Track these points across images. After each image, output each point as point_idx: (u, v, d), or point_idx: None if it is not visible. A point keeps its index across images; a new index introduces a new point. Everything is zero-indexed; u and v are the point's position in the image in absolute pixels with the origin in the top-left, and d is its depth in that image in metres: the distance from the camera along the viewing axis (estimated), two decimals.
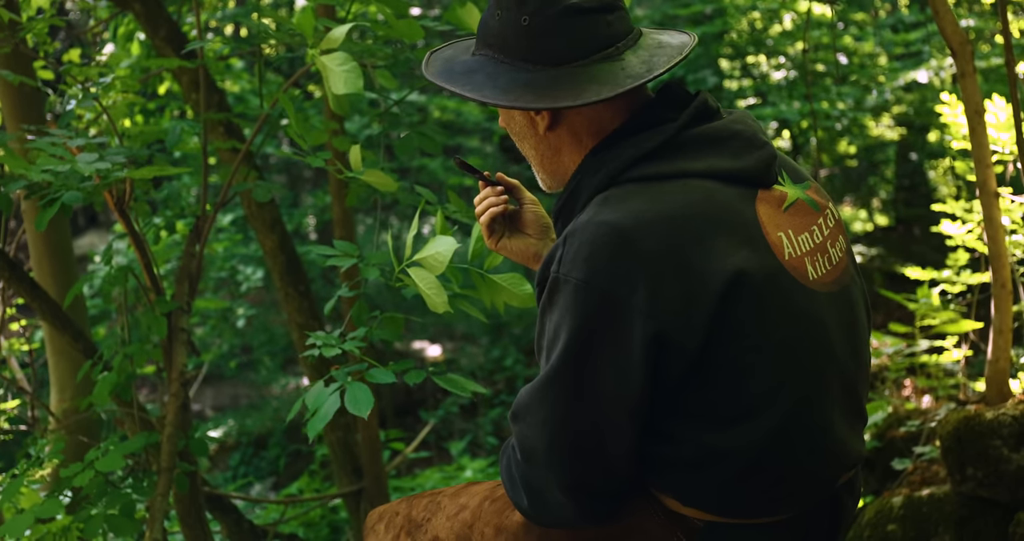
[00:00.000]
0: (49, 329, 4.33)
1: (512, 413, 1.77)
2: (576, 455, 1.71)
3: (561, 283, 1.66)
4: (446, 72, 1.86)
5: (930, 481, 3.52)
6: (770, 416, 1.71)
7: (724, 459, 1.72)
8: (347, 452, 4.66)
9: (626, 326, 1.63)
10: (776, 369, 1.71)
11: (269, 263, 4.59)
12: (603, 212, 1.67)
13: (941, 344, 4.60)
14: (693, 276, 1.63)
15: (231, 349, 10.37)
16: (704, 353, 1.66)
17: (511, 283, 2.40)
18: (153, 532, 2.92)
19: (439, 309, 2.28)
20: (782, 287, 1.72)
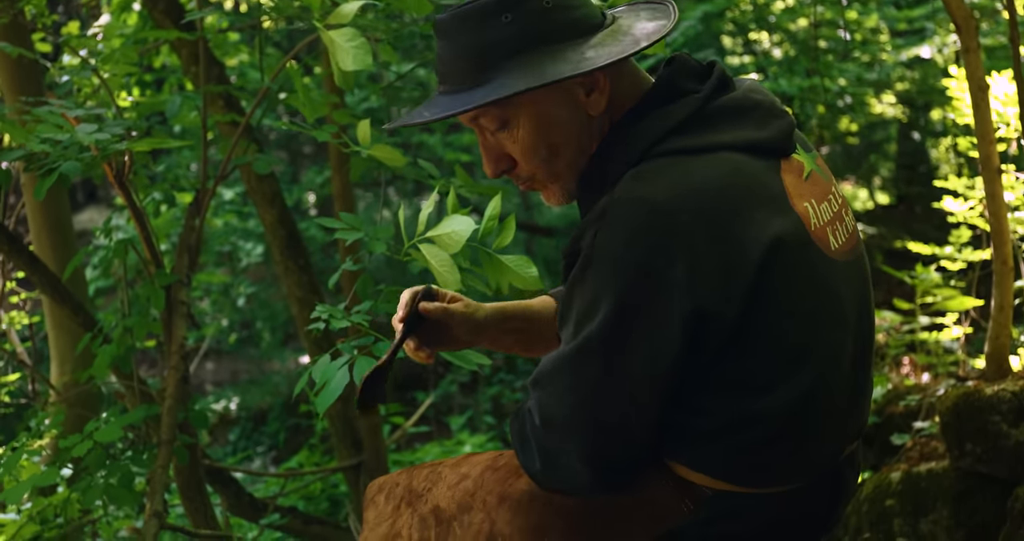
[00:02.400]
0: (49, 302, 4.33)
1: (533, 379, 1.77)
2: (599, 427, 1.71)
3: (596, 258, 1.65)
4: (454, 100, 1.75)
5: (929, 456, 3.53)
6: (794, 385, 1.72)
7: (746, 428, 1.72)
8: (347, 426, 4.67)
9: (664, 302, 1.62)
10: (802, 339, 1.72)
11: (269, 237, 4.59)
12: (638, 187, 1.65)
13: (941, 321, 4.61)
14: (732, 247, 1.63)
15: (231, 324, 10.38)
16: (739, 324, 1.66)
17: (518, 265, 2.39)
18: (153, 504, 2.92)
19: (451, 287, 2.27)
20: (810, 257, 1.72)
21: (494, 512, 1.93)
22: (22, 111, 3.12)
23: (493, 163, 1.84)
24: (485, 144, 1.84)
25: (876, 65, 8.76)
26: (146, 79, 5.56)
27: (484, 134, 1.83)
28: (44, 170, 2.66)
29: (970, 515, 3.14)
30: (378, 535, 2.12)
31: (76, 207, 12.20)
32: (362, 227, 2.54)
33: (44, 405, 4.06)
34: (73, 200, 10.27)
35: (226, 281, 8.86)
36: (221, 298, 9.30)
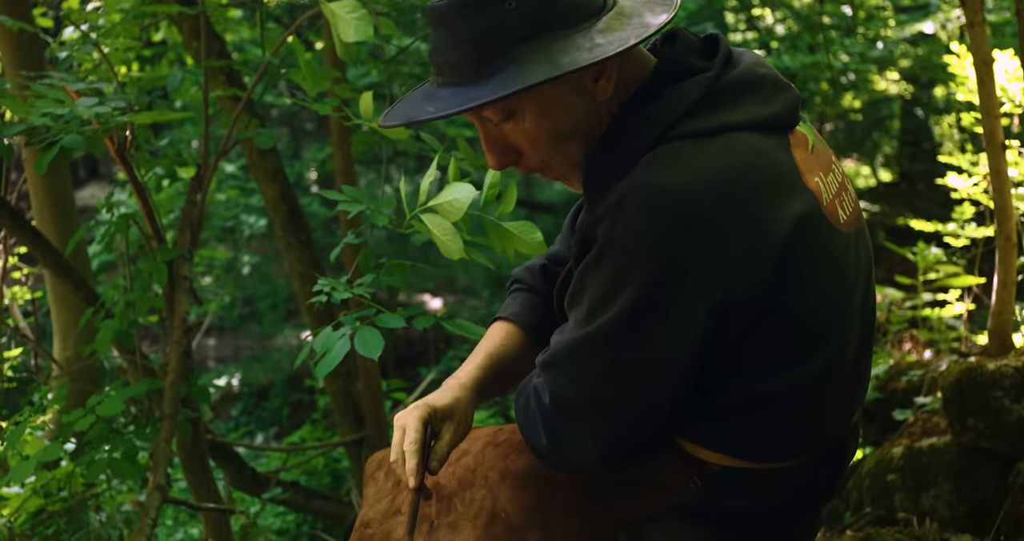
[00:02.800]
0: (51, 277, 4.33)
1: (544, 361, 1.75)
2: (614, 412, 1.70)
3: (614, 246, 1.61)
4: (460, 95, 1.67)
5: (930, 432, 3.54)
6: (812, 364, 1.71)
7: (761, 406, 1.72)
8: (349, 401, 4.68)
9: (687, 292, 1.60)
10: (822, 318, 1.71)
11: (271, 213, 4.58)
12: (657, 174, 1.61)
13: (944, 297, 4.60)
14: (755, 232, 1.61)
15: (233, 301, 10.39)
16: (762, 307, 1.64)
17: (522, 231, 2.39)
18: (157, 477, 2.93)
19: (454, 256, 2.26)
20: (825, 234, 1.71)
21: (496, 488, 1.93)
22: (23, 85, 3.11)
23: (497, 155, 1.77)
24: (487, 136, 1.77)
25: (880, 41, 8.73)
26: (145, 54, 5.54)
27: (486, 125, 1.76)
28: (45, 144, 2.65)
29: (972, 490, 3.14)
30: (378, 511, 2.12)
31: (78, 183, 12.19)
32: (364, 200, 2.53)
33: (47, 380, 4.06)
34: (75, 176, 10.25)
35: (228, 256, 8.86)
36: (224, 274, 9.30)
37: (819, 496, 1.90)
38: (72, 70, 3.81)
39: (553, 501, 1.89)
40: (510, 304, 2.07)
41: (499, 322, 2.04)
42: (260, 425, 8.98)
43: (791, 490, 1.85)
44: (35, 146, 2.76)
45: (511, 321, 2.03)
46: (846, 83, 9.01)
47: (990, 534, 3.01)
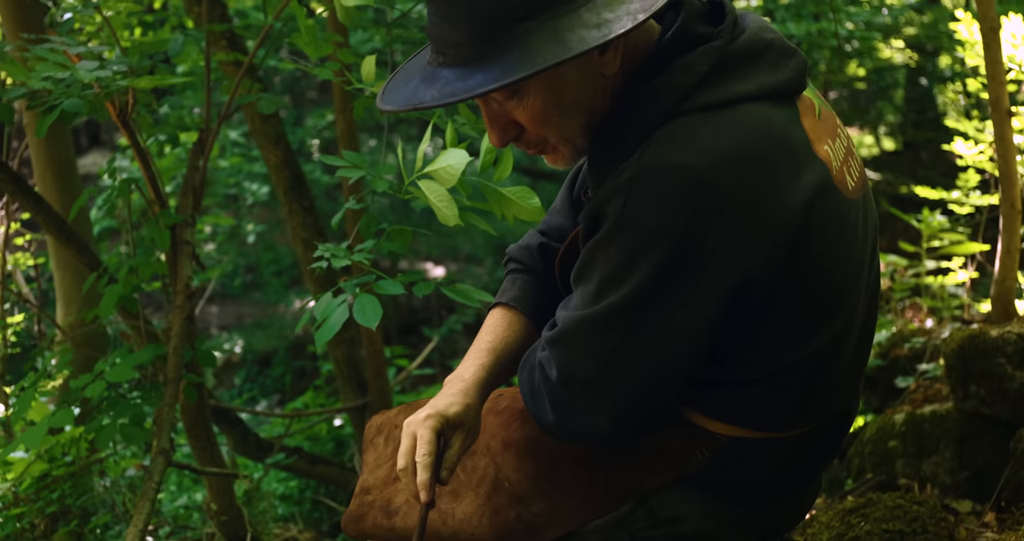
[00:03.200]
0: (54, 243, 4.33)
1: (552, 338, 1.73)
2: (623, 388, 1.70)
3: (627, 225, 1.59)
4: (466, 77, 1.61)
5: (932, 399, 3.54)
6: (826, 332, 1.72)
7: (771, 378, 1.72)
8: (352, 367, 4.69)
9: (702, 272, 1.59)
10: (835, 285, 1.71)
11: (273, 179, 4.58)
12: (671, 152, 1.58)
13: (947, 265, 4.59)
14: (771, 209, 1.60)
15: (236, 268, 10.40)
16: (777, 283, 1.64)
17: (520, 196, 2.38)
18: (160, 441, 2.94)
19: (450, 222, 2.26)
20: (837, 204, 1.70)
21: (499, 457, 1.94)
22: (23, 49, 3.10)
23: (500, 132, 1.74)
24: (490, 114, 1.73)
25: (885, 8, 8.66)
26: (147, 19, 5.51)
27: (489, 103, 1.72)
28: (46, 108, 2.64)
29: (973, 457, 3.15)
30: (378, 477, 2.12)
31: (80, 151, 12.16)
32: (364, 166, 2.52)
33: (50, 346, 4.07)
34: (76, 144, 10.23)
35: (231, 223, 8.85)
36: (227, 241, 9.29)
37: (823, 460, 1.91)
38: (73, 34, 3.79)
39: (557, 471, 1.89)
40: (509, 288, 2.05)
41: (499, 309, 2.02)
42: (263, 392, 9.00)
43: (797, 456, 1.85)
44: (36, 110, 2.75)
45: (512, 307, 2.00)
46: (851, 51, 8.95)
47: (990, 500, 3.02)
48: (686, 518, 1.85)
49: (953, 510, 3.06)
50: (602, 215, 1.64)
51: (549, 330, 1.76)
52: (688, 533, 1.85)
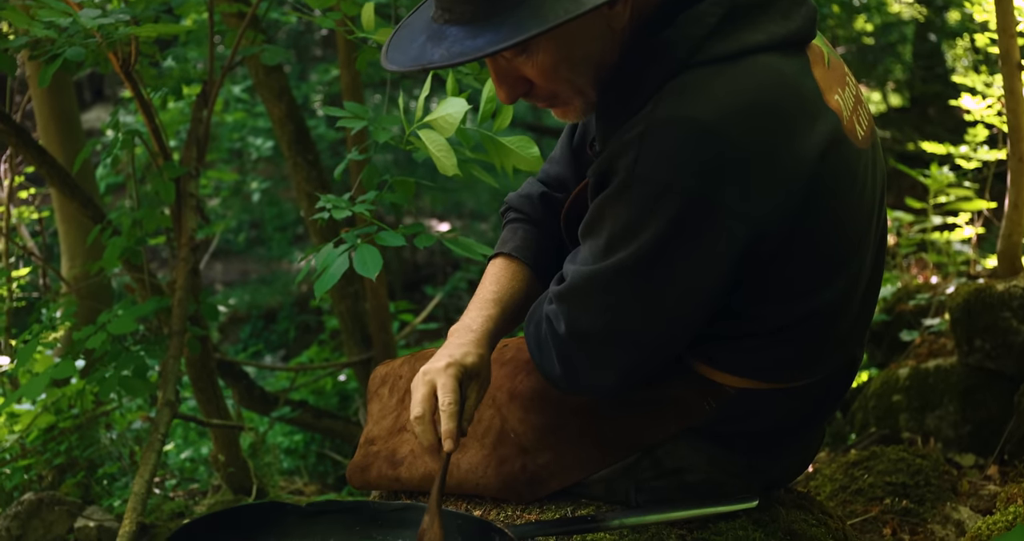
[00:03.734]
0: (58, 196, 4.32)
1: (560, 293, 1.72)
2: (632, 343, 1.69)
3: (638, 181, 1.57)
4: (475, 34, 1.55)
5: (937, 353, 3.54)
6: (838, 283, 1.71)
7: (781, 330, 1.72)
8: (356, 322, 4.70)
9: (716, 227, 1.58)
10: (844, 241, 1.70)
11: (277, 132, 4.56)
12: (682, 105, 1.56)
13: (954, 221, 4.58)
14: (784, 164, 1.58)
15: (240, 224, 10.39)
16: (789, 237, 1.63)
17: (519, 146, 2.37)
18: (166, 393, 2.95)
19: (448, 172, 2.25)
20: (847, 155, 1.68)
21: (505, 409, 1.94)
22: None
23: (509, 88, 1.70)
24: (498, 70, 1.69)
25: None
26: None
27: (497, 60, 1.68)
28: (48, 57, 2.62)
29: (976, 410, 3.16)
30: (383, 428, 2.13)
31: (83, 106, 12.11)
32: (367, 116, 2.50)
33: (55, 298, 4.08)
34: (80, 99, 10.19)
35: (236, 179, 8.83)
36: (231, 197, 9.28)
37: (828, 409, 1.91)
38: None
39: (563, 422, 1.89)
40: (510, 237, 2.03)
41: (502, 259, 2.00)
42: (268, 347, 9.03)
43: (803, 406, 1.85)
44: (39, 61, 2.73)
45: (515, 258, 1.99)
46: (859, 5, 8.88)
47: (993, 454, 3.03)
48: (692, 468, 1.86)
49: (956, 464, 3.07)
50: (612, 170, 1.62)
51: (557, 284, 1.75)
52: (694, 483, 1.86)
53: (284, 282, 9.93)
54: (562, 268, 1.76)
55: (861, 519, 2.69)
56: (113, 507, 3.92)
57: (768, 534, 1.86)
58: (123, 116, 6.91)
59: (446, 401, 1.70)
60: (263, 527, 1.73)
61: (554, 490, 1.93)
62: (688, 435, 1.85)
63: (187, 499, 4.21)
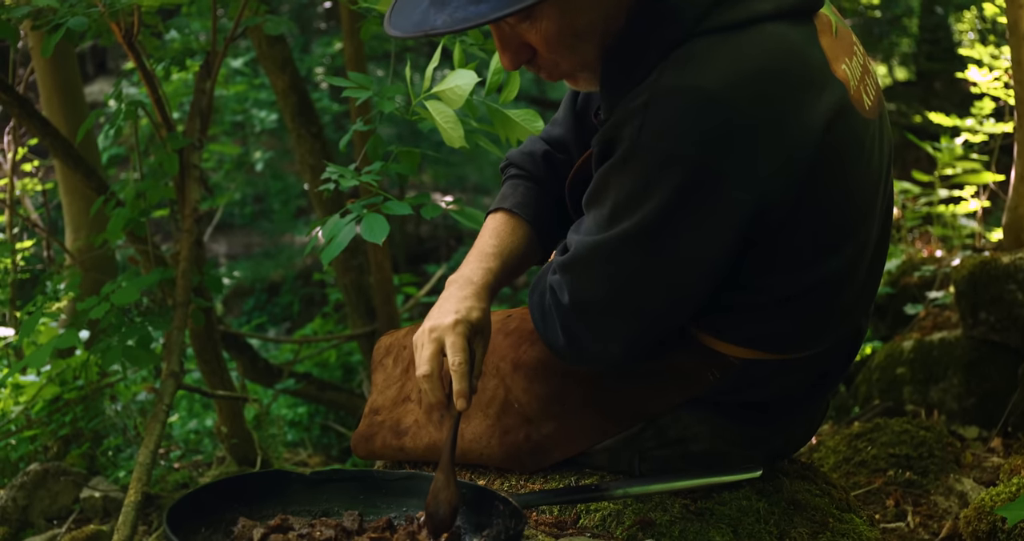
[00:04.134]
0: (62, 167, 4.31)
1: (564, 263, 1.71)
2: (636, 314, 1.68)
3: (642, 150, 1.56)
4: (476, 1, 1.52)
5: (941, 326, 3.54)
6: (844, 254, 1.70)
7: (787, 301, 1.71)
8: (360, 294, 4.70)
9: (721, 197, 1.56)
10: (852, 207, 1.69)
11: (281, 104, 4.54)
12: (688, 74, 1.54)
13: (959, 194, 4.57)
14: (791, 134, 1.57)
15: (244, 198, 10.38)
16: (795, 207, 1.61)
17: (525, 119, 2.36)
18: (171, 364, 2.95)
19: (456, 143, 2.23)
20: (854, 125, 1.67)
21: (509, 379, 1.94)
22: None
23: (512, 55, 1.68)
24: (502, 37, 1.67)
25: None
26: None
27: (501, 27, 1.66)
28: (51, 26, 2.61)
29: (981, 383, 3.16)
30: (387, 398, 2.13)
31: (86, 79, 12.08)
32: (371, 87, 2.49)
33: (59, 270, 4.08)
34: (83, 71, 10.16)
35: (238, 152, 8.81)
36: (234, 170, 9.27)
37: (832, 380, 1.91)
38: None
39: (567, 393, 1.89)
40: (510, 193, 2.01)
41: (501, 213, 1.98)
42: (272, 320, 9.04)
43: (807, 376, 1.85)
44: (41, 31, 2.72)
45: (514, 214, 1.97)
46: None
47: (997, 426, 3.04)
48: (695, 438, 1.86)
49: (960, 436, 3.08)
50: (616, 139, 1.61)
51: (560, 254, 1.74)
52: (697, 452, 1.86)
53: (288, 255, 9.93)
54: (566, 238, 1.76)
55: (864, 491, 2.69)
56: (118, 478, 3.94)
57: (772, 504, 1.86)
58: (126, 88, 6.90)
59: (457, 360, 1.69)
60: (268, 495, 1.73)
61: (558, 460, 1.93)
62: (692, 405, 1.85)
63: (191, 470, 4.23)
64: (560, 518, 1.86)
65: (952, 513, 2.58)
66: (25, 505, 3.61)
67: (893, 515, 2.60)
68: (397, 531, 1.63)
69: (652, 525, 1.79)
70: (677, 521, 1.79)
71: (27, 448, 3.89)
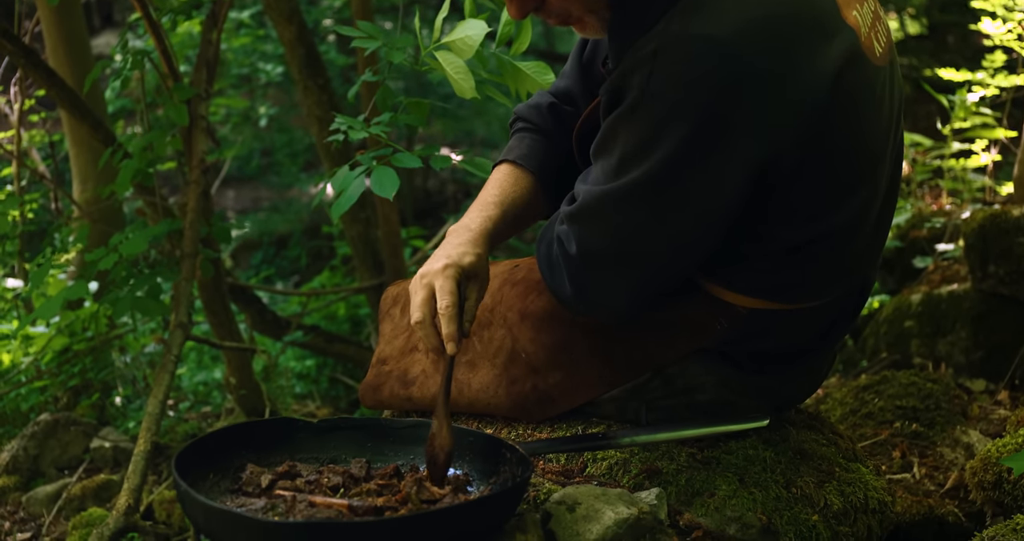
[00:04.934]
0: (68, 119, 4.30)
1: (571, 213, 1.71)
2: (644, 263, 1.68)
3: (651, 99, 1.55)
4: None
5: (950, 279, 3.53)
6: (853, 203, 1.69)
7: (795, 250, 1.70)
8: (368, 247, 4.70)
9: (730, 148, 1.55)
10: (862, 155, 1.68)
11: (288, 55, 4.51)
12: (696, 22, 1.52)
13: (970, 147, 4.54)
14: (801, 79, 1.55)
15: (251, 152, 10.36)
16: (808, 152, 1.60)
17: (536, 71, 2.34)
18: (179, 315, 2.96)
19: (467, 94, 2.22)
20: (865, 73, 1.65)
21: (515, 328, 1.94)
22: None
23: (520, 2, 1.68)
24: None
25: None
26: None
27: None
28: None
29: (989, 336, 3.15)
30: (395, 348, 2.13)
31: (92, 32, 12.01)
32: (380, 37, 2.47)
33: (67, 221, 4.09)
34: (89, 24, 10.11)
35: (245, 105, 8.78)
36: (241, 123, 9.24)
37: (840, 329, 1.91)
38: None
39: (574, 343, 1.89)
40: (516, 145, 2.01)
41: (506, 165, 1.98)
42: (280, 274, 9.05)
43: (815, 326, 1.85)
44: None
45: (519, 165, 1.97)
46: None
47: (1004, 379, 3.04)
48: (702, 388, 1.86)
49: (967, 389, 3.08)
50: (625, 88, 1.60)
51: (568, 204, 1.73)
52: (704, 402, 1.86)
53: (296, 209, 9.92)
54: (573, 188, 1.75)
55: (871, 442, 2.70)
56: (128, 428, 3.97)
57: (778, 453, 1.87)
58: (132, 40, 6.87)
59: (444, 304, 1.68)
60: (275, 443, 1.74)
61: (564, 410, 1.94)
62: (699, 355, 1.85)
63: (200, 421, 4.25)
64: (567, 466, 1.87)
65: (958, 464, 2.59)
66: (36, 455, 3.64)
67: (899, 466, 2.61)
68: (404, 478, 1.64)
69: (659, 474, 1.80)
70: (683, 470, 1.80)
71: (37, 399, 3.92)
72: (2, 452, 3.68)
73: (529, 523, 1.54)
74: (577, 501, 1.61)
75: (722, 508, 1.74)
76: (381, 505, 1.50)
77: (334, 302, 5.89)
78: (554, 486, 1.74)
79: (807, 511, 1.78)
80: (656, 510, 1.65)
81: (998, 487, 2.18)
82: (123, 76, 3.12)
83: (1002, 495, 2.18)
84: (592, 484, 1.74)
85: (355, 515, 1.47)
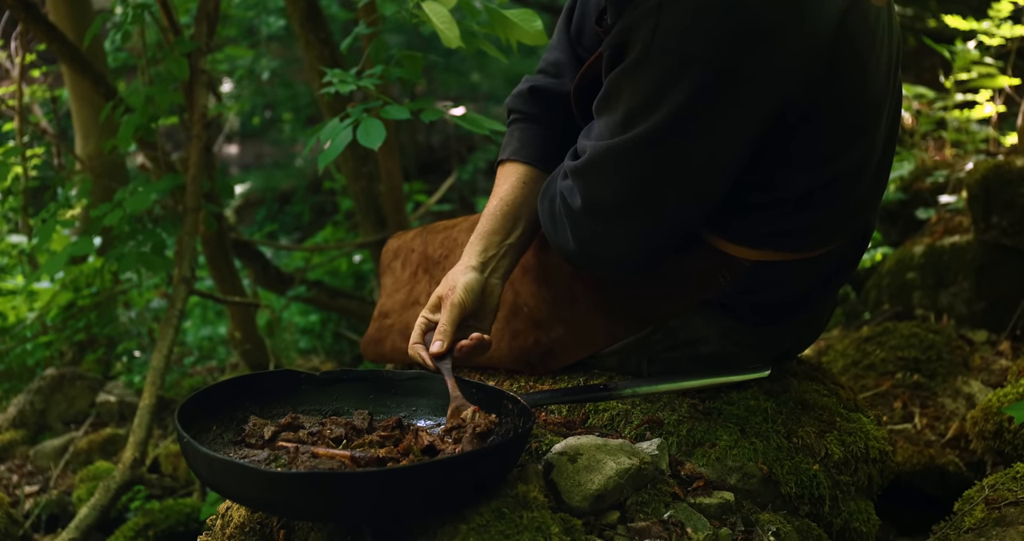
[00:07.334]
0: (70, 74, 4.28)
1: (576, 168, 1.70)
2: (650, 217, 1.67)
3: (656, 52, 1.54)
4: None
5: (953, 231, 3.52)
6: (850, 153, 1.68)
7: (798, 200, 1.70)
8: (371, 202, 4.68)
9: (738, 98, 1.54)
10: (866, 99, 1.67)
11: (289, 9, 4.47)
12: None
13: (974, 98, 4.51)
14: (806, 27, 1.54)
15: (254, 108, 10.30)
16: (816, 99, 1.60)
17: (523, 19, 2.33)
18: (182, 270, 2.97)
19: (452, 44, 2.21)
20: (866, 13, 1.64)
21: (517, 283, 1.94)
22: None
23: None
24: None
25: None
26: None
27: None
28: None
29: (991, 287, 3.15)
30: (396, 301, 2.14)
31: None
32: None
33: (70, 176, 4.08)
34: None
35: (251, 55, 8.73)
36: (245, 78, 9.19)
37: (841, 276, 1.90)
38: None
39: (576, 297, 1.90)
40: (508, 142, 1.99)
41: (505, 165, 1.97)
42: (283, 229, 9.04)
43: (817, 274, 1.85)
44: None
45: (516, 161, 1.95)
46: None
47: (1006, 330, 3.04)
48: (705, 340, 1.86)
49: (968, 340, 3.08)
50: (629, 42, 1.58)
51: (572, 159, 1.73)
52: (706, 354, 1.87)
53: (299, 165, 9.89)
54: (576, 144, 1.74)
55: (872, 393, 2.71)
56: (133, 383, 3.99)
57: (780, 404, 1.88)
58: None
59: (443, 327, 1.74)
60: (278, 394, 1.75)
61: (567, 364, 1.95)
62: (701, 308, 1.85)
63: (206, 375, 4.28)
64: (569, 418, 1.88)
65: (959, 414, 2.60)
66: (42, 409, 3.67)
67: (900, 417, 2.62)
68: (407, 430, 1.65)
69: (660, 424, 1.81)
70: (685, 420, 1.81)
71: (43, 353, 3.94)
72: (9, 407, 3.71)
73: (531, 474, 1.55)
74: (579, 452, 1.62)
75: (723, 458, 1.75)
76: (383, 456, 1.51)
77: (337, 258, 5.89)
78: (556, 437, 1.75)
79: (808, 461, 1.79)
80: (657, 460, 1.66)
81: (999, 436, 2.19)
82: (124, 30, 3.10)
83: (1002, 444, 2.19)
84: (594, 435, 1.75)
85: (357, 466, 1.48)
